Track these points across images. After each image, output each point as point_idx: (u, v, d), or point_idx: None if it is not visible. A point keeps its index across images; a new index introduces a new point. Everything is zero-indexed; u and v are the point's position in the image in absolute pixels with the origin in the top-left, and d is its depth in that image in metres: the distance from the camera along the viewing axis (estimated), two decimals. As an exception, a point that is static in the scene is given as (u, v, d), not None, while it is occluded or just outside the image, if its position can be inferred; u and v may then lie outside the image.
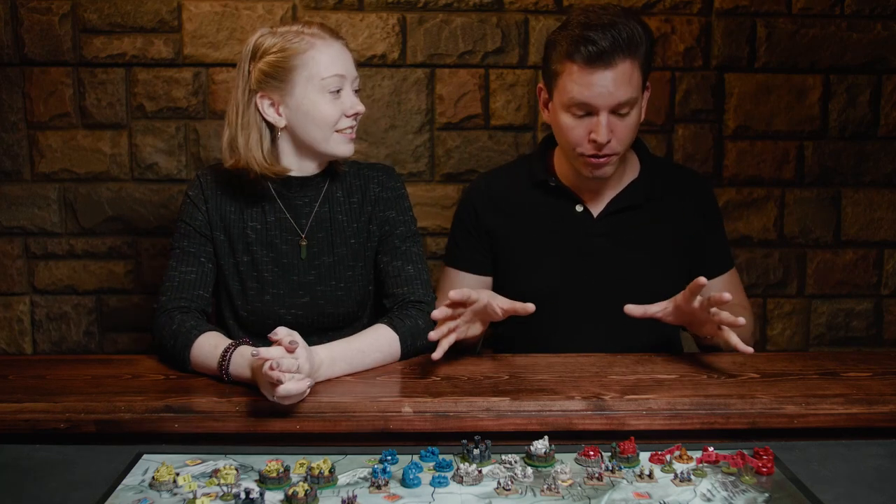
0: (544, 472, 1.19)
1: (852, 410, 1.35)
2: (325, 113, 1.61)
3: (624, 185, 1.80)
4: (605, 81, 1.59)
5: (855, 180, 2.44)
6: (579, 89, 1.61)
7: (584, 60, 1.59)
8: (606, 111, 1.62)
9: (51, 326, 2.42)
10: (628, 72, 1.60)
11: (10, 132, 2.33)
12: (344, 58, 1.63)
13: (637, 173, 1.82)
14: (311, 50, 1.59)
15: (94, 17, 2.28)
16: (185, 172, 2.36)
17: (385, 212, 1.74)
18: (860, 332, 2.50)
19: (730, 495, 1.13)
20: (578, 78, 1.61)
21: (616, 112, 1.63)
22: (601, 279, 1.76)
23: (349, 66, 1.64)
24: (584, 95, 1.61)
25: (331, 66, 1.60)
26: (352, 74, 1.64)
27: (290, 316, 1.68)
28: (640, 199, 1.79)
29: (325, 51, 1.60)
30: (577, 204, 1.79)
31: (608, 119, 1.62)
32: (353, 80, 1.64)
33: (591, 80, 1.60)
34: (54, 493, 1.14)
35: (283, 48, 1.59)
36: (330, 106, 1.61)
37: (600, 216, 1.78)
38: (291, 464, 1.20)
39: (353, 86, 1.65)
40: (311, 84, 1.60)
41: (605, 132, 1.62)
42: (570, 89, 1.62)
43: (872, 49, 2.37)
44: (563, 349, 1.69)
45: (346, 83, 1.63)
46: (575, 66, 1.61)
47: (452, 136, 2.39)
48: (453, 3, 2.32)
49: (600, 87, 1.59)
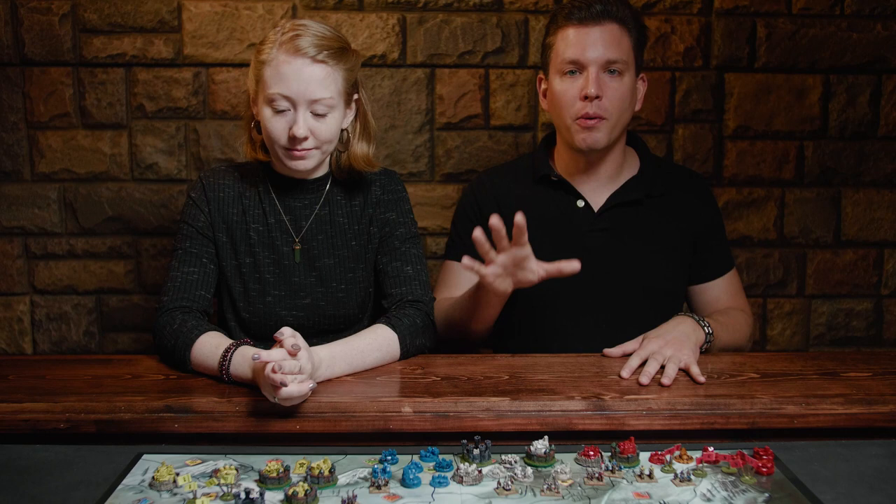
0: (544, 472, 1.19)
1: (852, 410, 1.35)
2: (268, 127, 1.59)
3: (623, 181, 1.83)
4: (594, 37, 1.69)
5: (855, 180, 2.44)
6: (571, 49, 1.71)
7: (576, 21, 1.70)
8: (596, 66, 1.69)
9: (51, 326, 2.42)
10: (617, 34, 1.70)
11: (10, 132, 2.33)
12: (299, 79, 1.53)
13: (636, 170, 1.85)
14: (272, 62, 1.55)
15: (94, 17, 2.28)
16: (185, 172, 2.36)
17: (385, 213, 1.74)
18: (860, 332, 2.50)
19: (730, 495, 1.13)
20: (571, 38, 1.71)
21: (607, 70, 1.70)
22: (602, 274, 1.77)
23: (306, 88, 1.54)
24: (573, 53, 1.70)
25: (277, 84, 1.54)
26: (306, 98, 1.54)
27: (292, 318, 1.68)
28: (640, 195, 1.81)
29: (280, 68, 1.54)
30: (578, 199, 1.81)
31: (598, 74, 1.69)
32: (308, 103, 1.55)
33: (582, 37, 1.70)
34: (54, 493, 1.14)
35: (259, 50, 1.59)
36: (272, 122, 1.58)
37: (601, 211, 1.80)
38: (291, 464, 1.20)
39: (312, 108, 1.56)
40: (263, 94, 1.58)
41: (595, 84, 1.68)
42: (562, 51, 1.73)
43: (872, 49, 2.37)
44: (564, 342, 1.70)
45: (300, 106, 1.55)
46: (568, 29, 1.72)
47: (452, 136, 2.39)
48: (453, 3, 2.32)
49: (590, 43, 1.69)
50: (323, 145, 1.61)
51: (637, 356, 1.54)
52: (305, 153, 1.59)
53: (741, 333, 1.80)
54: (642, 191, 1.81)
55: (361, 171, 1.73)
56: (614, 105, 1.70)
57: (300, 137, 1.56)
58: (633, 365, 1.52)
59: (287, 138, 1.58)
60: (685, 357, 1.52)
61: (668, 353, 1.52)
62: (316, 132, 1.58)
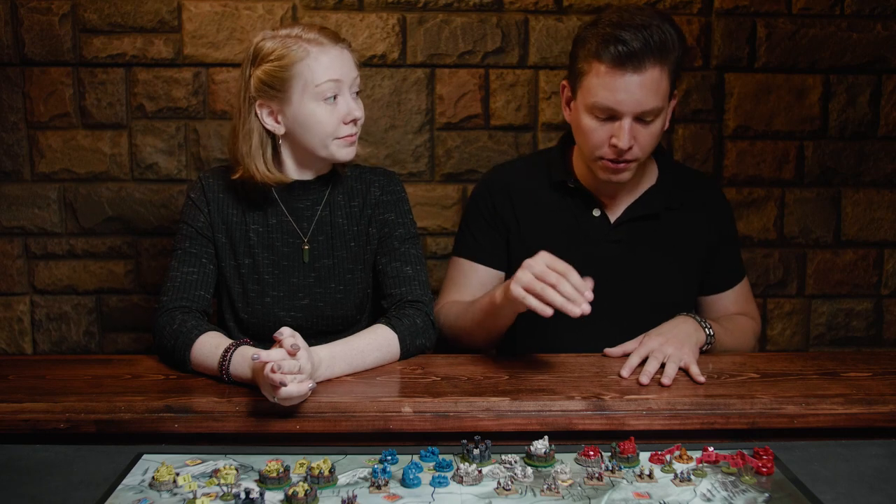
0: (544, 472, 1.19)
1: (852, 410, 1.35)
2: (322, 122, 1.59)
3: (642, 192, 1.77)
4: (632, 86, 1.52)
5: (855, 180, 2.44)
6: (605, 92, 1.54)
7: (612, 61, 1.52)
8: (631, 117, 1.55)
9: (51, 326, 2.42)
10: (657, 78, 1.54)
11: (10, 132, 2.33)
12: (341, 61, 1.59)
13: (655, 180, 1.79)
14: (306, 58, 1.56)
15: (94, 17, 2.28)
16: (185, 172, 2.36)
17: (384, 214, 1.74)
18: (860, 332, 2.50)
19: (730, 495, 1.13)
20: (605, 79, 1.54)
21: (640, 119, 1.57)
22: (613, 285, 1.72)
23: (347, 69, 1.60)
24: (609, 99, 1.54)
25: (325, 72, 1.57)
26: (349, 77, 1.60)
27: (290, 318, 1.68)
28: (659, 208, 1.75)
29: (320, 58, 1.57)
30: (594, 208, 1.76)
31: (631, 125, 1.56)
32: (351, 82, 1.61)
33: (618, 83, 1.53)
34: (54, 493, 1.14)
35: (279, 56, 1.57)
36: (326, 115, 1.59)
37: (617, 222, 1.75)
38: (291, 464, 1.20)
39: (353, 88, 1.62)
40: (307, 93, 1.58)
41: (628, 139, 1.56)
42: (594, 91, 1.56)
43: (872, 49, 2.37)
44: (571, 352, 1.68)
45: (344, 87, 1.60)
46: (602, 66, 1.54)
47: (452, 136, 2.39)
48: (453, 3, 2.32)
49: (626, 93, 1.53)
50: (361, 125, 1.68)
51: (636, 354, 1.52)
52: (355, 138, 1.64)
53: (745, 339, 1.77)
54: (660, 204, 1.75)
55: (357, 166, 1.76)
56: (645, 149, 1.61)
57: (358, 117, 1.62)
58: (633, 363, 1.50)
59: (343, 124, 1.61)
60: (685, 356, 1.50)
61: (668, 351, 1.50)
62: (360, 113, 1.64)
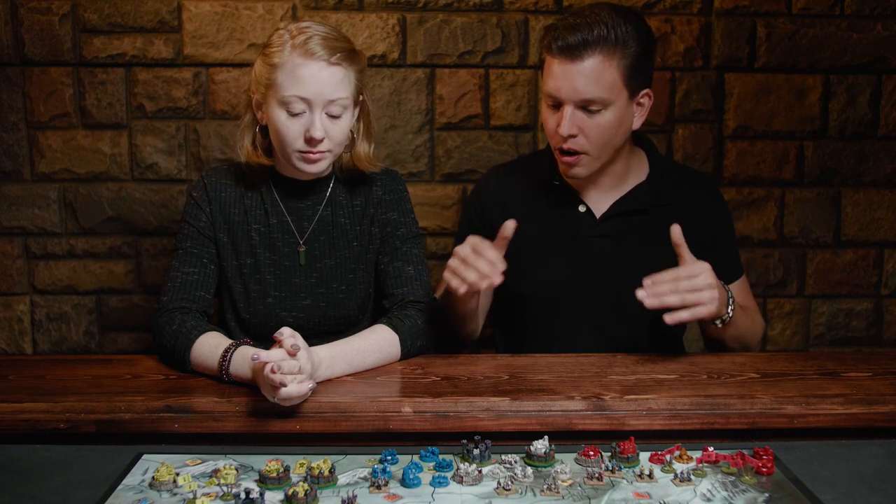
0: (544, 472, 1.19)
1: (852, 410, 1.35)
2: (282, 131, 1.58)
3: (629, 188, 1.78)
4: (571, 74, 1.61)
5: (855, 180, 2.44)
6: (550, 81, 1.65)
7: (556, 51, 1.62)
8: (571, 105, 1.63)
9: (51, 326, 2.42)
10: (598, 69, 1.60)
11: (10, 132, 2.33)
12: (317, 81, 1.55)
13: (645, 176, 1.80)
14: (285, 65, 1.55)
15: (94, 17, 2.28)
16: (185, 172, 2.36)
17: (386, 213, 1.74)
18: (860, 332, 2.50)
19: (730, 495, 1.13)
20: (551, 69, 1.64)
21: (585, 108, 1.63)
22: (601, 280, 1.75)
23: (323, 89, 1.55)
24: (551, 86, 1.64)
25: (295, 87, 1.55)
26: (321, 99, 1.55)
27: (292, 318, 1.68)
28: (646, 204, 1.76)
29: (296, 71, 1.55)
30: (580, 204, 1.78)
31: (573, 113, 1.63)
32: (324, 104, 1.56)
33: (557, 70, 1.63)
34: (54, 493, 1.14)
35: (268, 54, 1.58)
36: (288, 125, 1.57)
37: (602, 217, 1.77)
38: (291, 464, 1.20)
39: (327, 110, 1.57)
40: (276, 98, 1.57)
41: (567, 125, 1.63)
42: (545, 80, 1.67)
43: (872, 49, 2.37)
44: (564, 348, 1.69)
45: (316, 107, 1.56)
46: (550, 57, 1.65)
47: (452, 136, 2.39)
48: (453, 3, 2.32)
49: (565, 80, 1.62)
50: (335, 147, 1.62)
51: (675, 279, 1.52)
52: (320, 156, 1.59)
53: (752, 336, 1.78)
54: (648, 200, 1.76)
55: (364, 171, 1.73)
56: (593, 141, 1.65)
57: (317, 139, 1.56)
58: (665, 278, 1.52)
59: (303, 141, 1.57)
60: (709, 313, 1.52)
61: (705, 298, 1.51)
62: (330, 134, 1.58)
